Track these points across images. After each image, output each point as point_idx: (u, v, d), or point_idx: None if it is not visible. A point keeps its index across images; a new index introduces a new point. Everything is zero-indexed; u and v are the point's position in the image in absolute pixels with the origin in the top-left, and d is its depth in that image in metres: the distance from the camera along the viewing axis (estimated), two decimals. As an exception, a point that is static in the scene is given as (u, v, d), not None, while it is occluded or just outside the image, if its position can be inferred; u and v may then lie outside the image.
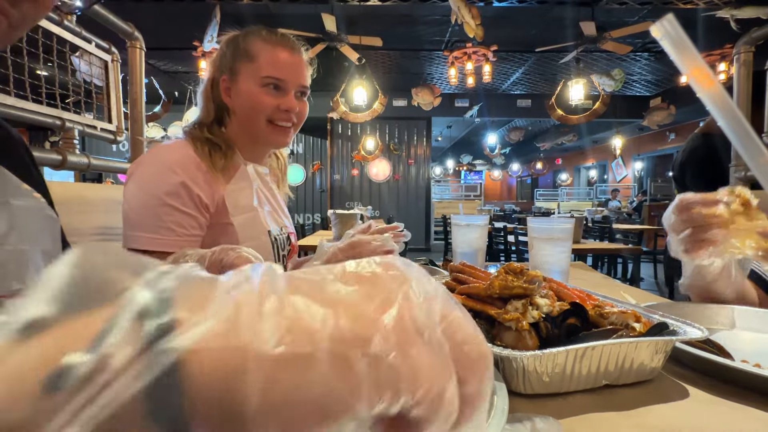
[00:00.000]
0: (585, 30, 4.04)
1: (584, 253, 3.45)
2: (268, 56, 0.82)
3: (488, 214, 2.18)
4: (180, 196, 0.72)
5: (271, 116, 0.83)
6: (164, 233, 0.70)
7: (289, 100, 0.83)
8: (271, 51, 0.82)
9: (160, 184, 0.72)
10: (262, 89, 0.81)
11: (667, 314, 0.52)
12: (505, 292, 0.48)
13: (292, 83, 0.83)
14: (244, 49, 0.83)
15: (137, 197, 0.73)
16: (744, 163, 1.35)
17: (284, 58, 0.82)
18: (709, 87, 0.35)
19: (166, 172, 0.73)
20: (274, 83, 0.82)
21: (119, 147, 7.37)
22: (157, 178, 0.73)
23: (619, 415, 0.39)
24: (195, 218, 0.74)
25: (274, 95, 0.82)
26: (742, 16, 3.46)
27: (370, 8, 4.28)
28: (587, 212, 6.88)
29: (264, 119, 0.83)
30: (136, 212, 0.72)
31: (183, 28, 4.55)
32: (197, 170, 0.76)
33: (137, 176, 0.74)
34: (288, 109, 0.83)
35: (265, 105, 0.82)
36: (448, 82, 6.31)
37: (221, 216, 0.79)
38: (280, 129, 0.85)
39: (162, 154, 0.76)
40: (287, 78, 0.82)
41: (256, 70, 0.81)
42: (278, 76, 0.81)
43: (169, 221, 0.71)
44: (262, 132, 0.84)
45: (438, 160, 14.91)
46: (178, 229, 0.72)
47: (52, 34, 1.07)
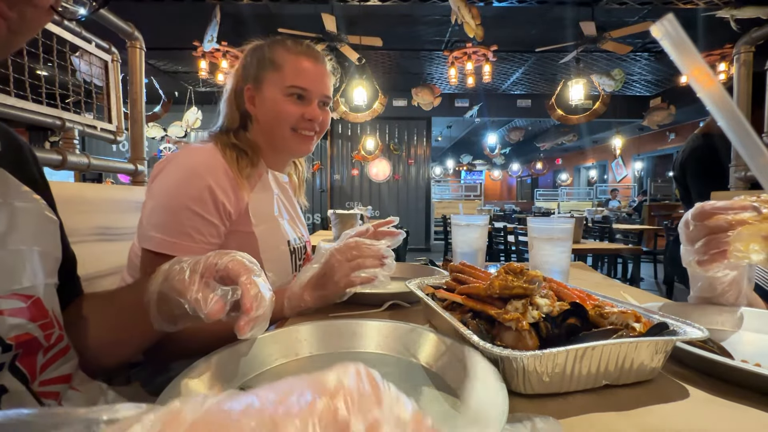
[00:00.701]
0: (585, 30, 4.04)
1: (584, 253, 3.45)
2: (292, 66, 0.83)
3: (488, 214, 2.18)
4: (205, 202, 0.71)
5: (295, 125, 0.84)
6: (181, 238, 0.69)
7: (313, 110, 0.84)
8: (296, 61, 0.83)
9: (187, 188, 0.71)
10: (287, 98, 0.83)
11: (667, 314, 0.52)
12: (505, 292, 0.48)
13: (315, 93, 0.85)
14: (269, 58, 0.84)
15: (161, 197, 0.72)
16: (744, 163, 1.35)
17: (308, 68, 0.84)
18: (709, 87, 0.35)
19: (194, 177, 0.72)
20: (298, 93, 0.83)
21: (119, 147, 7.38)
22: (185, 181, 0.72)
23: (619, 415, 0.39)
24: (216, 227, 0.73)
25: (298, 104, 0.83)
26: (742, 16, 3.46)
27: (370, 8, 4.28)
28: (587, 212, 6.88)
29: (288, 128, 0.84)
30: (156, 212, 0.71)
31: (183, 28, 4.55)
32: (224, 176, 0.75)
33: (164, 176, 0.73)
34: (312, 119, 0.84)
35: (289, 114, 0.83)
36: (448, 82, 6.31)
37: (243, 224, 0.79)
38: (304, 138, 0.86)
39: (192, 157, 0.75)
40: (311, 87, 0.84)
41: (281, 79, 0.83)
42: (302, 85, 0.83)
43: (189, 226, 0.70)
44: (286, 140, 0.85)
45: (438, 160, 14.91)
46: (197, 235, 0.70)
47: (52, 34, 1.07)
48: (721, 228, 0.51)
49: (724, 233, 0.51)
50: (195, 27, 4.12)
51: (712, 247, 0.52)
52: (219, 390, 0.43)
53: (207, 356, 0.45)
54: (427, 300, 0.61)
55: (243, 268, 0.43)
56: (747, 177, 1.37)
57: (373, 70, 5.66)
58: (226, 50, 4.58)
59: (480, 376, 0.42)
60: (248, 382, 0.46)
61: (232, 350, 0.48)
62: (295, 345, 0.54)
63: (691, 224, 0.55)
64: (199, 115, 6.28)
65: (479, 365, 0.43)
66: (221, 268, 0.43)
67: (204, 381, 0.42)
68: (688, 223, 0.55)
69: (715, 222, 0.52)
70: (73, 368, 0.48)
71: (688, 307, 0.68)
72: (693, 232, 0.54)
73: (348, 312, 0.76)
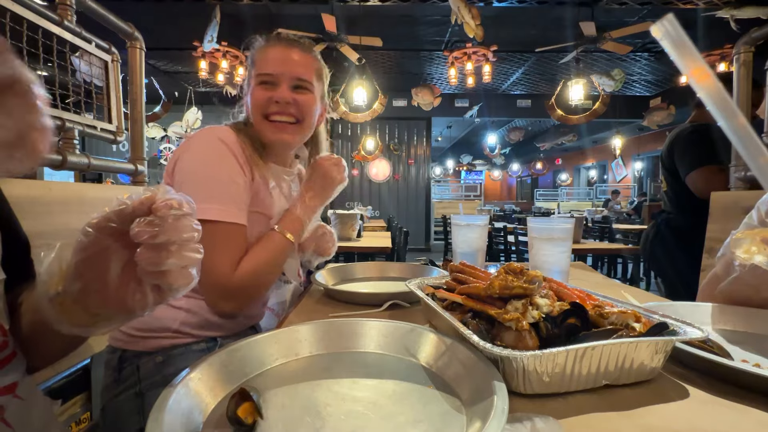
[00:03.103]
0: (585, 30, 4.04)
1: (584, 253, 3.45)
2: (261, 57, 0.85)
3: (488, 214, 2.18)
4: (237, 169, 0.76)
5: (265, 110, 0.83)
6: (230, 205, 0.73)
7: (281, 91, 0.82)
8: (264, 51, 0.85)
9: (220, 159, 0.75)
10: (257, 87, 0.83)
11: (667, 314, 0.52)
12: (505, 292, 0.48)
13: (283, 76, 0.83)
14: (250, 58, 0.87)
15: (199, 170, 0.75)
16: (744, 163, 1.35)
17: (274, 54, 0.84)
18: (709, 87, 0.35)
19: (223, 149, 0.76)
20: (265, 79, 0.83)
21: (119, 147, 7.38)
22: (216, 154, 0.76)
23: (619, 415, 0.39)
24: (248, 192, 0.79)
25: (267, 90, 0.83)
26: (741, 16, 3.46)
27: (370, 8, 4.28)
28: (587, 212, 6.88)
29: (259, 115, 0.84)
30: (199, 185, 0.74)
31: (183, 28, 4.55)
32: (242, 150, 0.79)
33: (193, 153, 0.77)
34: (278, 100, 0.82)
35: (257, 99, 0.83)
36: (448, 82, 6.31)
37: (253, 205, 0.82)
38: (277, 125, 0.84)
39: (212, 132, 0.79)
40: (276, 71, 0.83)
41: (254, 73, 0.84)
42: (267, 71, 0.83)
43: (234, 193, 0.75)
44: (261, 129, 0.85)
45: (438, 160, 14.91)
46: (240, 202, 0.76)
47: (52, 35, 1.07)
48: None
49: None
50: (195, 27, 4.12)
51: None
52: (219, 390, 0.43)
53: (206, 356, 0.45)
54: (427, 300, 0.61)
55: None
56: (747, 177, 1.37)
57: (373, 70, 5.66)
58: (226, 50, 4.58)
59: (480, 376, 0.42)
60: (249, 381, 0.46)
61: (232, 350, 0.48)
62: (295, 345, 0.54)
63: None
64: (199, 115, 6.28)
65: (479, 365, 0.43)
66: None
67: (204, 381, 0.42)
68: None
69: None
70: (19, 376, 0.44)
71: (689, 307, 0.68)
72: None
73: (348, 312, 0.76)
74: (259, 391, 0.40)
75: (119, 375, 0.75)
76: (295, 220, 0.83)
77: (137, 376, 0.74)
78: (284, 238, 0.80)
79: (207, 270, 0.67)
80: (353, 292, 0.85)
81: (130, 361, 0.75)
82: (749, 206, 1.19)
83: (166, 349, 0.76)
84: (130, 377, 0.74)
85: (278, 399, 0.43)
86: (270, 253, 0.78)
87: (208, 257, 0.66)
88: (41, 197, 0.83)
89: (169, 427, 0.33)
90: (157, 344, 0.75)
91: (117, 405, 0.74)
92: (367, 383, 0.46)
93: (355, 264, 1.15)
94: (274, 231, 0.80)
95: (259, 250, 0.77)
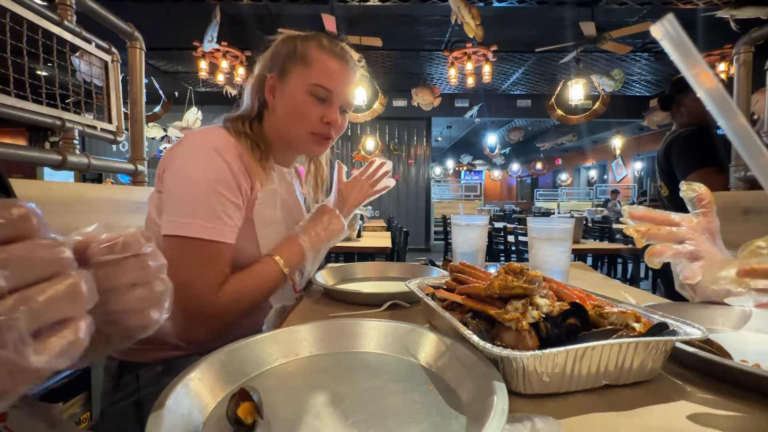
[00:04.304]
0: (585, 30, 4.05)
1: (584, 253, 3.45)
2: (322, 64, 0.79)
3: (488, 214, 2.18)
4: (228, 183, 0.70)
5: (314, 128, 0.80)
6: (217, 222, 0.68)
7: (333, 112, 0.80)
8: (327, 60, 0.79)
9: (208, 170, 0.69)
10: (309, 97, 0.78)
11: (667, 314, 0.52)
12: (505, 292, 0.48)
13: (338, 97, 0.80)
14: (300, 52, 0.80)
15: (185, 182, 0.69)
16: (744, 163, 1.35)
17: (337, 70, 0.80)
18: (709, 87, 0.35)
19: (212, 158, 0.70)
20: (321, 93, 0.79)
21: (119, 147, 7.39)
22: (204, 164, 0.70)
23: (619, 415, 0.39)
24: (240, 209, 0.73)
25: (319, 106, 0.79)
26: (741, 16, 3.46)
27: (370, 8, 4.28)
28: (587, 212, 6.88)
29: (306, 130, 0.80)
30: (184, 199, 0.68)
31: (183, 28, 4.55)
32: (239, 158, 0.73)
33: (181, 161, 0.71)
34: (330, 122, 0.80)
35: (309, 115, 0.79)
36: (448, 82, 6.31)
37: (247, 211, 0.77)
38: (320, 140, 0.82)
39: (204, 138, 0.73)
40: (335, 89, 0.79)
41: (307, 75, 0.78)
42: (328, 86, 0.78)
43: (221, 210, 0.68)
44: (301, 140, 0.82)
45: (438, 160, 14.92)
46: (227, 219, 0.69)
47: (52, 35, 1.07)
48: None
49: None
50: (195, 27, 4.13)
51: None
52: (219, 390, 0.43)
53: (206, 356, 0.45)
54: (427, 300, 0.61)
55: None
56: (747, 177, 1.37)
57: (373, 70, 5.66)
58: (226, 50, 4.58)
59: (479, 376, 0.42)
60: (249, 381, 0.46)
61: (232, 350, 0.48)
62: (295, 345, 0.54)
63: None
64: (199, 115, 6.28)
65: (479, 365, 0.43)
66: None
67: (204, 381, 0.42)
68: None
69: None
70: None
71: (688, 307, 0.68)
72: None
73: (348, 312, 0.76)
74: (259, 391, 0.40)
75: (118, 382, 0.74)
76: (297, 252, 0.77)
77: (137, 385, 0.73)
78: (279, 269, 0.74)
79: (185, 290, 0.64)
80: (353, 292, 0.84)
81: (129, 369, 0.74)
82: (749, 206, 1.19)
83: (167, 360, 0.74)
84: (129, 385, 0.73)
85: (278, 399, 0.43)
86: (259, 283, 0.73)
87: (188, 277, 0.65)
88: (41, 197, 0.83)
89: (169, 427, 0.33)
90: (156, 356, 0.74)
91: (116, 412, 0.73)
92: (367, 383, 0.46)
93: (355, 264, 1.15)
94: (271, 258, 0.74)
95: (247, 276, 0.71)
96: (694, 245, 0.64)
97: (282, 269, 0.74)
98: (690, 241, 0.64)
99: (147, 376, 0.73)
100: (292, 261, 0.76)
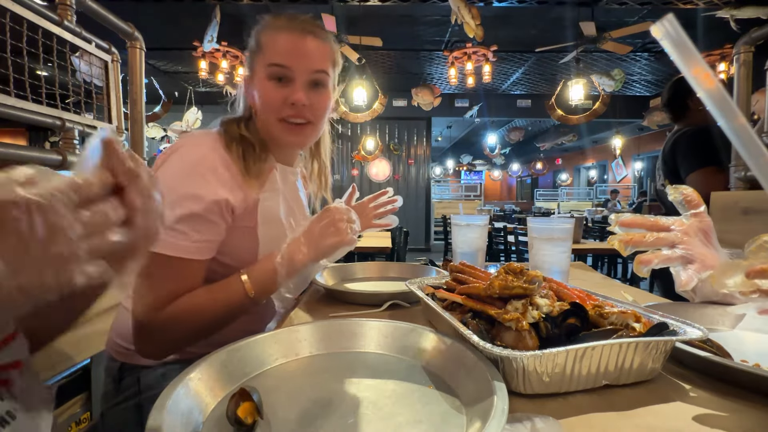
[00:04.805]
0: (585, 30, 4.04)
1: (584, 253, 3.45)
2: (271, 42, 0.72)
3: (488, 214, 2.18)
4: (201, 198, 0.64)
5: (280, 113, 0.73)
6: (176, 237, 0.62)
7: (295, 92, 0.72)
8: (275, 36, 0.72)
9: (185, 182, 0.64)
10: (269, 82, 0.72)
11: (667, 314, 0.52)
12: (505, 292, 0.48)
13: (298, 70, 0.71)
14: (256, 40, 0.75)
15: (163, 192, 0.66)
16: (744, 163, 1.35)
17: (288, 42, 0.72)
18: (709, 87, 0.35)
19: (193, 171, 0.65)
20: (278, 73, 0.71)
21: (119, 147, 7.35)
22: (183, 176, 0.65)
23: (619, 415, 0.39)
24: (214, 224, 0.66)
25: (279, 87, 0.72)
26: (741, 16, 3.46)
27: (370, 8, 4.28)
28: (587, 212, 6.88)
29: (274, 118, 0.74)
30: None
31: (183, 28, 4.55)
32: (226, 171, 0.68)
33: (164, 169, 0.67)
34: (294, 102, 0.72)
35: (271, 100, 0.72)
36: (448, 82, 6.30)
37: (247, 220, 0.72)
38: (292, 127, 0.74)
39: (193, 150, 0.68)
40: (290, 64, 0.71)
41: (262, 60, 0.72)
42: (280, 62, 0.71)
43: (185, 223, 0.63)
44: (275, 132, 0.75)
45: (438, 160, 14.92)
46: (193, 233, 0.63)
47: (52, 35, 1.07)
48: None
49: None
50: (195, 27, 4.12)
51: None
52: (219, 390, 0.43)
53: (206, 356, 0.45)
54: (427, 300, 0.61)
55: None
56: (747, 177, 1.37)
57: (373, 70, 5.66)
58: (226, 50, 4.58)
59: (480, 376, 0.42)
60: (249, 381, 0.46)
61: (232, 350, 0.48)
62: (295, 345, 0.54)
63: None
64: (199, 115, 6.28)
65: (479, 365, 0.43)
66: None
67: (204, 381, 0.42)
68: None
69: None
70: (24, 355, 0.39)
71: (689, 307, 0.68)
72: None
73: (348, 312, 0.76)
74: (259, 391, 0.40)
75: (119, 385, 0.73)
76: (268, 272, 0.66)
77: (138, 388, 0.72)
78: (243, 291, 0.65)
79: (133, 305, 0.62)
80: (353, 292, 0.84)
81: (130, 371, 0.73)
82: (749, 207, 1.19)
83: (168, 363, 0.73)
84: (130, 388, 0.72)
85: (278, 399, 0.43)
86: (216, 305, 0.64)
87: (136, 289, 0.62)
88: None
89: (169, 427, 0.33)
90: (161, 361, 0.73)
91: (117, 414, 0.72)
92: (367, 383, 0.46)
93: (355, 264, 1.15)
94: (238, 278, 0.66)
95: (203, 296, 0.64)
96: (685, 248, 0.63)
97: (247, 291, 0.65)
98: (681, 244, 0.63)
99: (148, 379, 0.72)
100: (261, 284, 0.66)
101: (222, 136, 0.72)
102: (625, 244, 0.64)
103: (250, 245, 0.74)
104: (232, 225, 0.70)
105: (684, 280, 0.62)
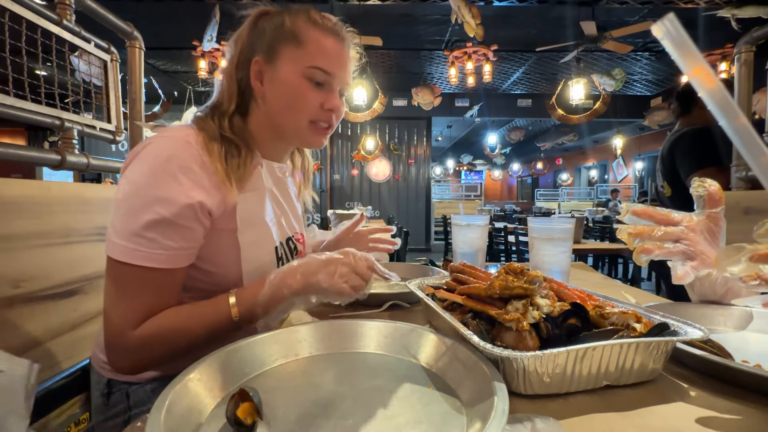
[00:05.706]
0: (585, 30, 4.04)
1: (585, 253, 3.45)
2: (317, 43, 0.69)
3: (488, 214, 2.18)
4: (173, 203, 0.57)
5: (314, 115, 0.71)
6: (143, 245, 0.56)
7: (334, 99, 0.72)
8: (323, 38, 0.69)
9: (155, 184, 0.58)
10: (306, 81, 0.69)
11: (668, 315, 0.51)
12: (506, 292, 0.48)
13: (338, 79, 0.72)
14: (290, 29, 0.69)
15: (126, 195, 0.58)
16: (745, 163, 1.35)
17: (335, 49, 0.70)
18: (710, 86, 0.35)
19: (164, 172, 0.58)
20: (320, 77, 0.69)
21: (118, 147, 7.39)
22: (154, 177, 0.58)
23: (619, 415, 0.39)
24: (189, 229, 0.60)
25: (318, 91, 0.70)
26: (742, 16, 3.46)
27: (370, 8, 4.28)
28: (588, 212, 6.88)
29: (305, 119, 0.71)
30: (119, 214, 0.58)
31: (182, 28, 4.55)
32: (201, 169, 0.61)
33: (133, 168, 0.60)
34: (331, 109, 0.72)
35: (308, 102, 0.70)
36: (448, 82, 6.31)
37: (226, 222, 0.66)
38: (320, 130, 0.73)
39: (166, 148, 0.61)
40: (335, 72, 0.70)
41: (302, 57, 0.68)
42: (327, 68, 0.69)
43: (155, 231, 0.57)
44: (300, 131, 0.72)
45: (438, 160, 14.92)
46: (164, 240, 0.58)
47: (51, 34, 1.07)
48: None
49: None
50: (195, 27, 4.12)
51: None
52: (219, 391, 0.43)
53: (206, 357, 0.45)
54: (427, 300, 0.60)
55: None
56: (748, 177, 1.37)
57: (373, 70, 5.66)
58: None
59: (480, 377, 0.41)
60: (249, 382, 0.46)
61: (232, 350, 0.48)
62: (295, 345, 0.54)
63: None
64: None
65: (479, 366, 0.43)
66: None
67: (203, 381, 0.42)
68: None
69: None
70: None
71: (689, 307, 0.68)
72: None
73: (348, 312, 0.76)
74: (258, 391, 0.40)
75: (108, 400, 0.69)
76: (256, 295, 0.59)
77: (127, 404, 0.68)
78: (228, 313, 0.59)
79: (105, 318, 0.58)
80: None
81: (118, 387, 0.69)
82: (750, 206, 1.19)
83: (157, 378, 0.69)
84: (119, 404, 0.68)
85: (278, 399, 0.43)
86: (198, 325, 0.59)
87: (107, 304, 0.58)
88: (40, 197, 0.83)
89: (169, 428, 0.33)
90: (147, 376, 0.68)
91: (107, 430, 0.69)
92: (367, 384, 0.46)
93: (355, 264, 1.14)
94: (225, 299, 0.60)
95: (185, 314, 0.59)
96: (688, 245, 0.63)
97: (231, 314, 0.59)
98: (685, 240, 0.63)
99: (137, 395, 0.68)
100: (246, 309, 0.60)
101: (200, 134, 0.65)
102: (634, 237, 0.64)
103: (231, 250, 0.68)
104: (211, 228, 0.64)
105: (680, 274, 0.63)
